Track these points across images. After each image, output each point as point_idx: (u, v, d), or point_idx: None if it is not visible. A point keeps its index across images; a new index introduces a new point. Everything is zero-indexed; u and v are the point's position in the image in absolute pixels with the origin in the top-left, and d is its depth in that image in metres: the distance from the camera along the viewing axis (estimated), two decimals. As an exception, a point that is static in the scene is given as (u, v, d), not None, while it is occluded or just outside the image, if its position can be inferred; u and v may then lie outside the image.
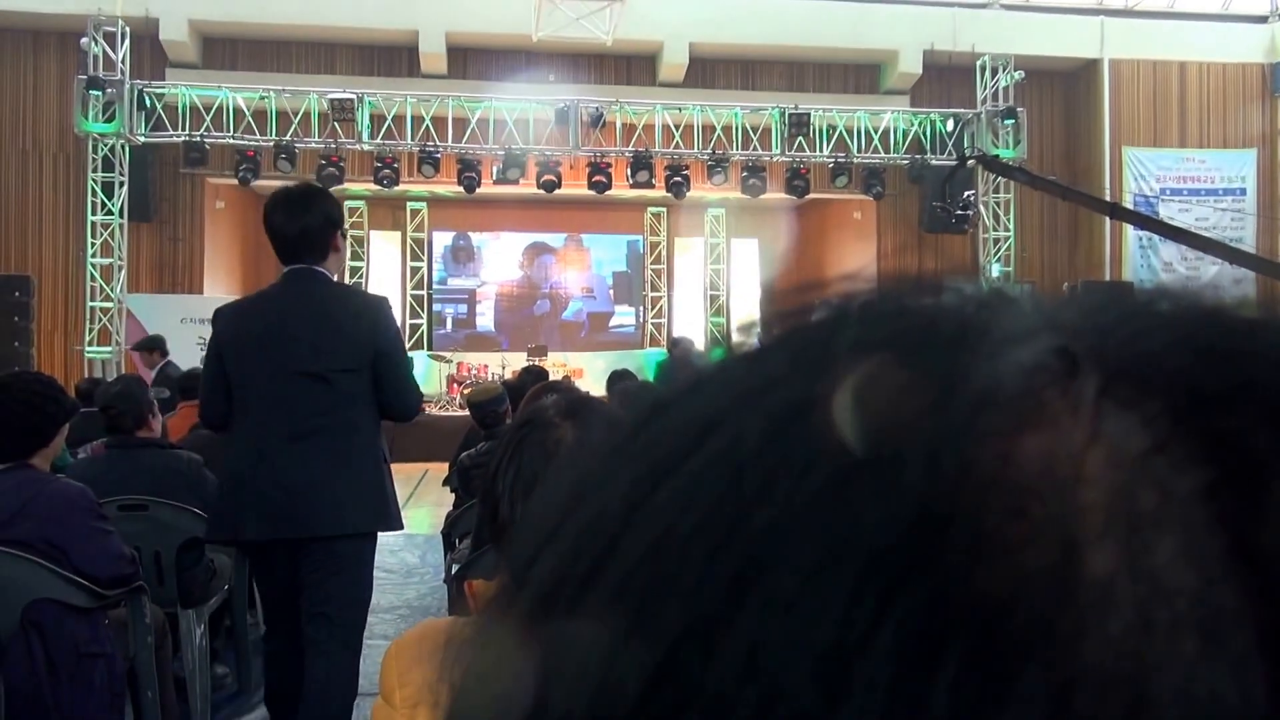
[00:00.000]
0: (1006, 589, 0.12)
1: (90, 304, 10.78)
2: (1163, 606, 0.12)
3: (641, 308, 14.42)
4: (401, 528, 2.72)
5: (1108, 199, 9.51)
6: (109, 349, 10.73)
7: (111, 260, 10.87)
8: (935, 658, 0.12)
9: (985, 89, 11.82)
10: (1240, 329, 0.15)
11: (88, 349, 10.66)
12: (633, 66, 12.36)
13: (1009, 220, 11.94)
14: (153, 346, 7.63)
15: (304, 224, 2.56)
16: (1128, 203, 11.32)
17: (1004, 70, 11.67)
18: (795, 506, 0.14)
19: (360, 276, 13.38)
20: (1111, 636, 0.12)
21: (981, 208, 11.80)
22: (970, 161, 9.99)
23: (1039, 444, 0.13)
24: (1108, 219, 8.96)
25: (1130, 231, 11.86)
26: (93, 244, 10.80)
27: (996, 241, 11.87)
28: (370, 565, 2.63)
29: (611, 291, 14.59)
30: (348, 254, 12.62)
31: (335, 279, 2.66)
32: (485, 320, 14.26)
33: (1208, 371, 0.14)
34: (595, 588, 0.15)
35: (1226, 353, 0.15)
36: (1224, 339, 0.15)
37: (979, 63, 11.86)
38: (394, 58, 12.06)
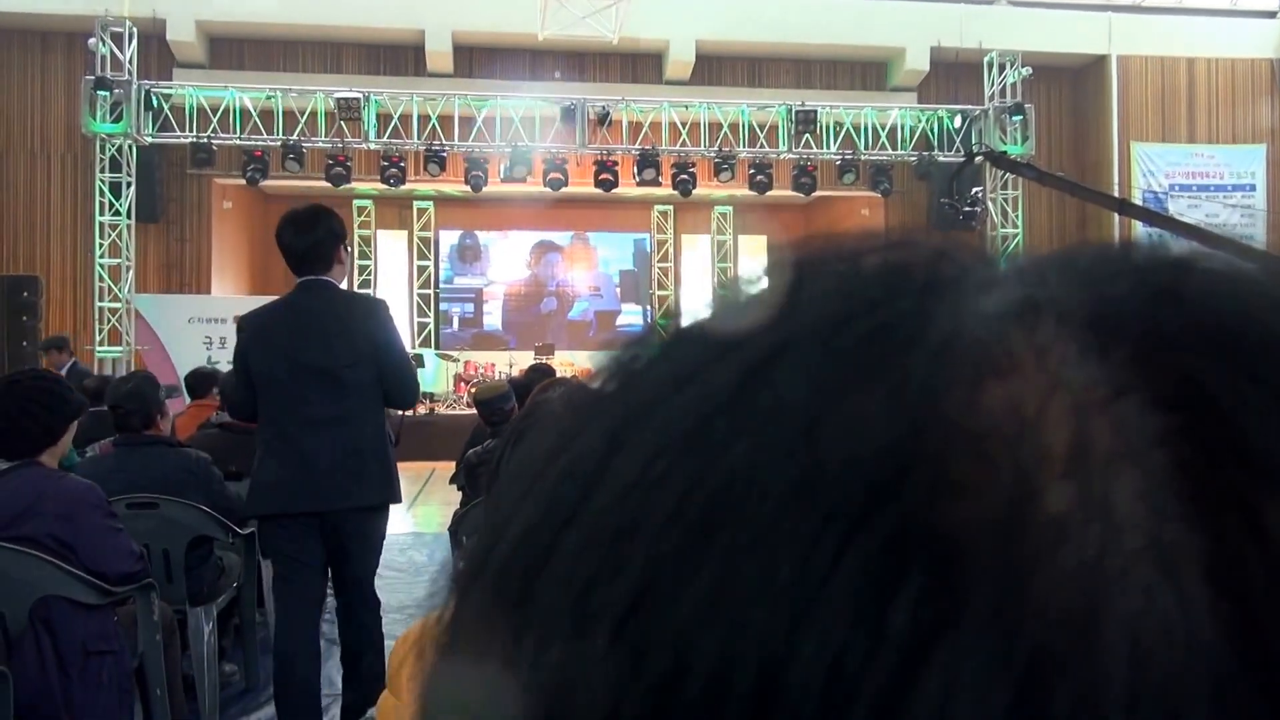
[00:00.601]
0: (965, 525, 0.13)
1: (99, 304, 10.81)
2: (1116, 543, 0.13)
3: (649, 306, 14.41)
4: (399, 500, 3.07)
5: (1116, 195, 9.46)
6: (119, 349, 10.76)
7: (119, 260, 10.91)
8: (894, 587, 0.13)
9: (993, 85, 11.78)
10: (1204, 275, 0.16)
11: (97, 349, 10.70)
12: (639, 64, 12.34)
13: (1017, 217, 11.90)
14: (58, 346, 7.55)
15: (311, 240, 2.94)
16: (1136, 199, 11.26)
17: (1011, 66, 11.62)
18: (764, 449, 0.14)
19: (368, 276, 13.40)
20: (1065, 570, 0.12)
21: (989, 204, 11.76)
22: (978, 158, 9.96)
23: (1000, 388, 0.14)
24: (1116, 215, 8.91)
25: (1139, 228, 11.81)
26: (101, 244, 10.84)
27: (1004, 238, 11.83)
28: (383, 536, 3.04)
29: (618, 290, 14.58)
30: (355, 261, 12.65)
31: (343, 285, 3.03)
32: (492, 319, 14.27)
33: (1170, 316, 0.15)
34: (571, 530, 0.15)
35: (1189, 297, 0.15)
36: (1187, 285, 0.15)
37: (986, 59, 11.82)
38: (400, 57, 12.07)
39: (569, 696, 0.14)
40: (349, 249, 3.07)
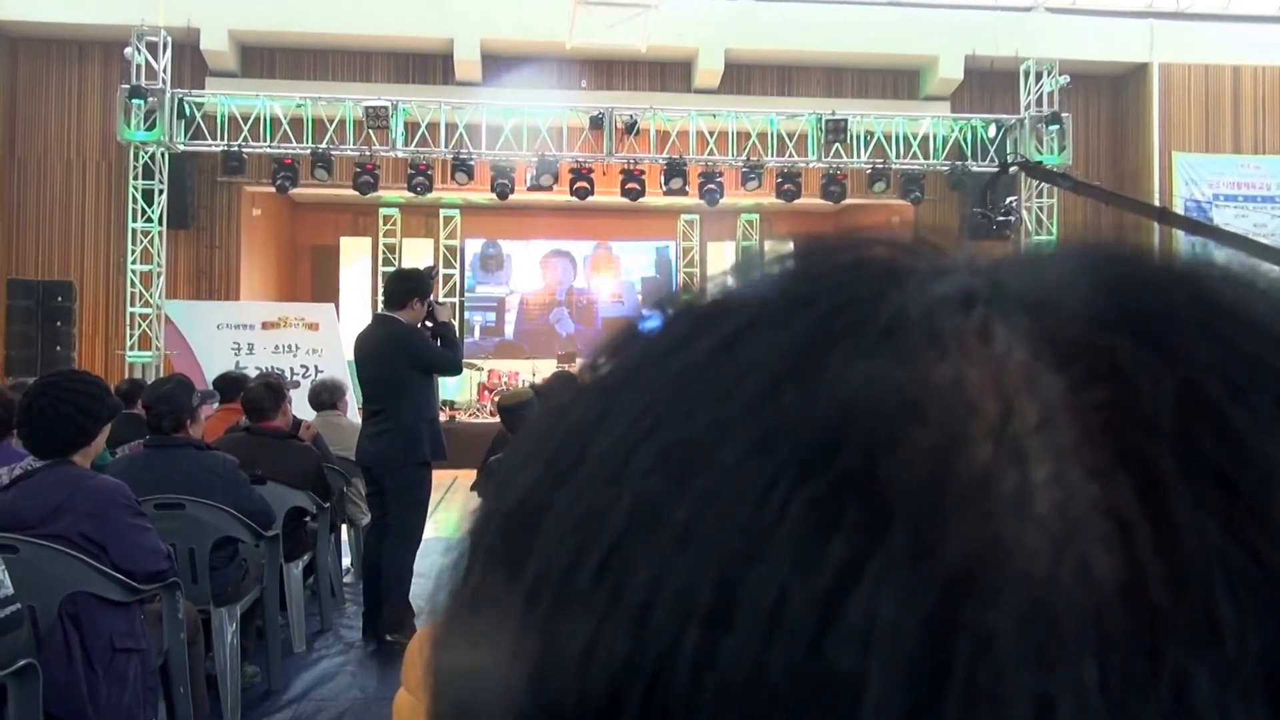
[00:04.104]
0: (898, 473, 0.15)
1: (130, 310, 10.94)
2: (1027, 490, 0.14)
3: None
4: (439, 457, 4.34)
5: (1157, 204, 9.31)
6: (150, 354, 10.88)
7: (151, 267, 11.03)
8: (834, 524, 0.14)
9: (1029, 94, 11.58)
10: (1135, 264, 0.18)
11: (129, 353, 10.82)
12: (667, 73, 12.34)
13: (1052, 226, 11.73)
14: None
15: (394, 290, 4.43)
16: (1178, 208, 11.07)
17: (1048, 75, 11.42)
18: (732, 409, 0.16)
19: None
20: (979, 511, 0.14)
21: (1025, 213, 11.61)
22: (1012, 168, 9.84)
23: (937, 360, 0.16)
24: (1156, 224, 8.76)
25: (1181, 238, 11.58)
26: (133, 251, 10.97)
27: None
28: (418, 488, 4.29)
29: (640, 298, 14.56)
30: (377, 276, 12.65)
31: (405, 321, 4.32)
32: (514, 328, 14.29)
33: (1104, 302, 0.16)
34: (566, 486, 0.17)
35: (1117, 282, 0.17)
36: (1133, 277, 0.17)
37: (1023, 67, 11.63)
38: (429, 65, 12.15)
39: (560, 633, 0.16)
40: (424, 302, 4.38)
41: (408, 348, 4.23)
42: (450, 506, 8.14)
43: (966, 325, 0.16)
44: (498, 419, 5.35)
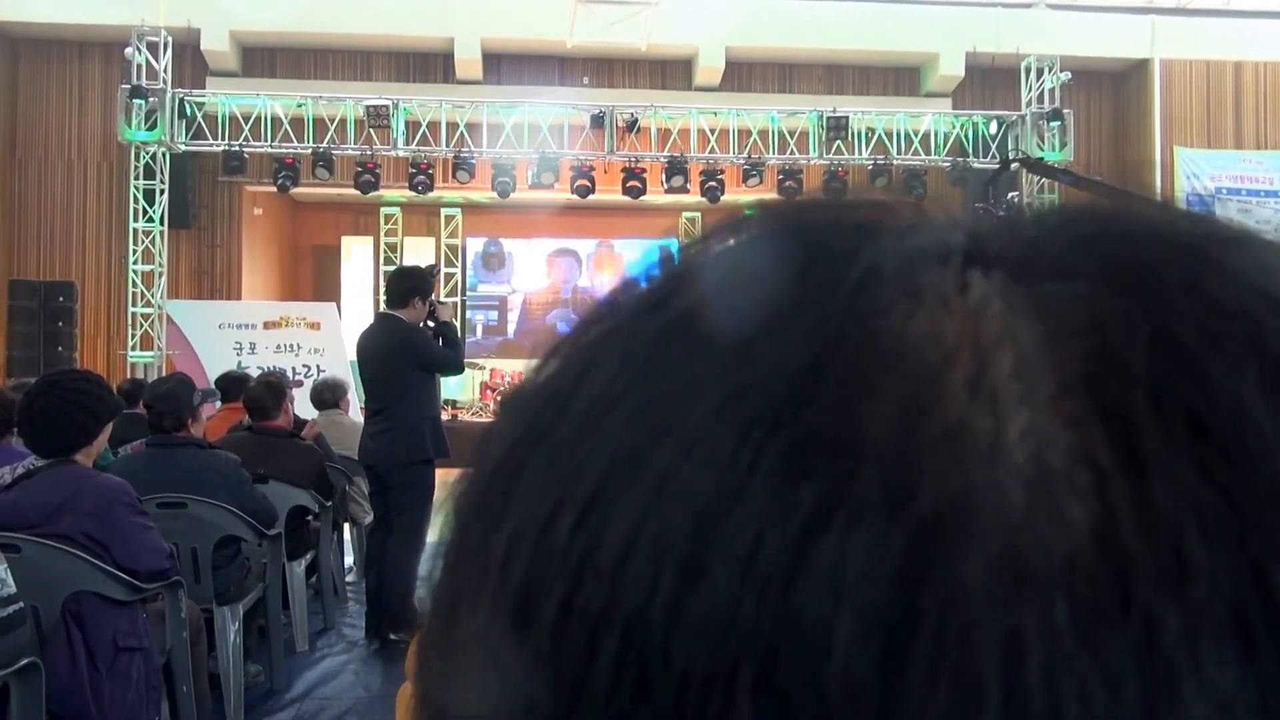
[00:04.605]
0: (870, 422, 0.15)
1: (132, 310, 10.94)
2: (1001, 436, 0.14)
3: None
4: (442, 455, 4.30)
5: (1158, 199, 9.32)
6: (151, 354, 10.88)
7: (153, 267, 11.03)
8: (806, 473, 0.15)
9: (1030, 91, 11.56)
10: (1115, 221, 0.18)
11: (130, 353, 10.82)
12: (668, 71, 12.33)
13: (1052, 223, 11.69)
14: None
15: (396, 288, 4.42)
16: (1182, 203, 11.03)
17: (1050, 71, 11.40)
18: (709, 363, 0.16)
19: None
20: (956, 463, 0.14)
21: (1026, 210, 11.58)
22: (1013, 164, 9.84)
23: (913, 312, 0.16)
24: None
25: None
26: (134, 251, 10.97)
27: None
28: (421, 486, 4.24)
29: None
30: (382, 276, 12.64)
31: (407, 320, 4.31)
32: (516, 327, 14.29)
33: (1075, 252, 0.16)
34: (544, 444, 0.17)
35: (1096, 238, 0.17)
36: (1108, 233, 0.17)
37: (1024, 64, 11.60)
38: (429, 64, 12.14)
39: (538, 586, 0.16)
40: (425, 300, 4.37)
41: (410, 347, 4.24)
42: (452, 505, 8.14)
43: (943, 278, 0.16)
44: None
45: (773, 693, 0.14)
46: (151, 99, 10.59)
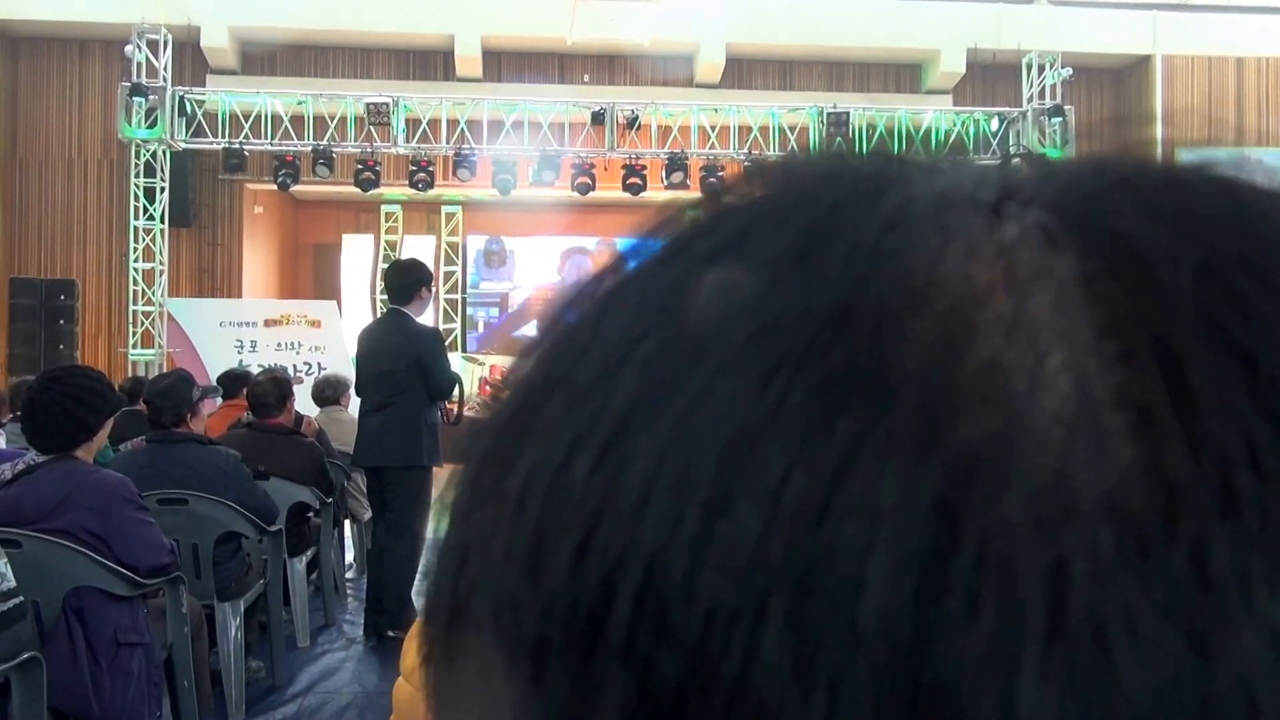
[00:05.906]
0: (904, 356, 0.14)
1: (133, 308, 10.95)
2: (1038, 365, 0.14)
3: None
4: (434, 464, 4.22)
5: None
6: (152, 351, 10.89)
7: (153, 265, 11.04)
8: (838, 407, 0.14)
9: (1031, 87, 11.56)
10: (1154, 164, 0.18)
11: (131, 351, 10.83)
12: (669, 68, 12.32)
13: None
14: None
15: (399, 282, 4.30)
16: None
17: (1051, 68, 11.40)
18: (734, 301, 0.16)
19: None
20: (994, 399, 0.14)
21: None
22: (1014, 161, 9.85)
23: (944, 250, 0.15)
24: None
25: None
26: (135, 249, 10.98)
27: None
28: (420, 487, 4.20)
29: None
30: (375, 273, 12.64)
31: (418, 316, 4.32)
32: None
33: (1114, 191, 0.16)
34: (560, 388, 0.17)
35: (1136, 179, 0.17)
36: (1137, 169, 0.17)
37: (1025, 60, 11.61)
38: (430, 61, 12.14)
39: (554, 528, 0.15)
40: (430, 290, 4.38)
41: (428, 350, 4.21)
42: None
43: (975, 216, 0.16)
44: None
45: (802, 627, 0.13)
46: (152, 97, 10.60)
